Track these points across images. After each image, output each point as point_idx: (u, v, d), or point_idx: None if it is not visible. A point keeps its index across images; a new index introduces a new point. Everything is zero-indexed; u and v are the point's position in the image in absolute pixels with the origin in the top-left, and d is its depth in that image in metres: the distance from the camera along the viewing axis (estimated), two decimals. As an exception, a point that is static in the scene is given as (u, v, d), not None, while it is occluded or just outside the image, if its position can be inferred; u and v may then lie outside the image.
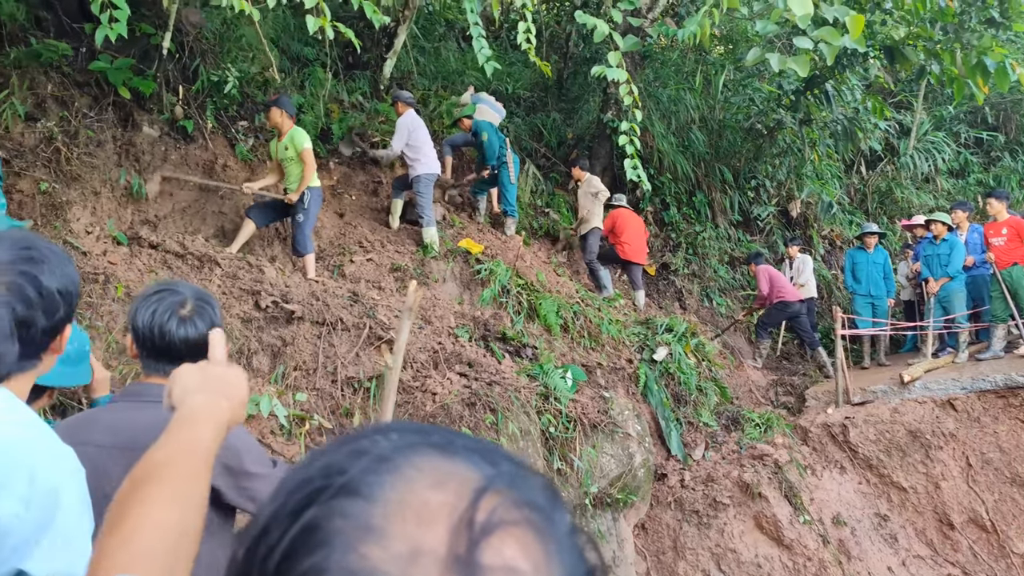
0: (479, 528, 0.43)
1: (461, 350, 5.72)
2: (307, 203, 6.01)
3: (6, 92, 5.43)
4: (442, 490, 0.45)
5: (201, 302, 1.84)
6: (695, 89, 10.32)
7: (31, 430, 1.21)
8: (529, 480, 0.48)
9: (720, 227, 10.54)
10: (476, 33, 5.49)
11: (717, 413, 7.48)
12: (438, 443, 0.49)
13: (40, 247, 1.28)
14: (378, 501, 0.44)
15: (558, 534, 0.46)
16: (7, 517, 1.06)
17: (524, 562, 0.43)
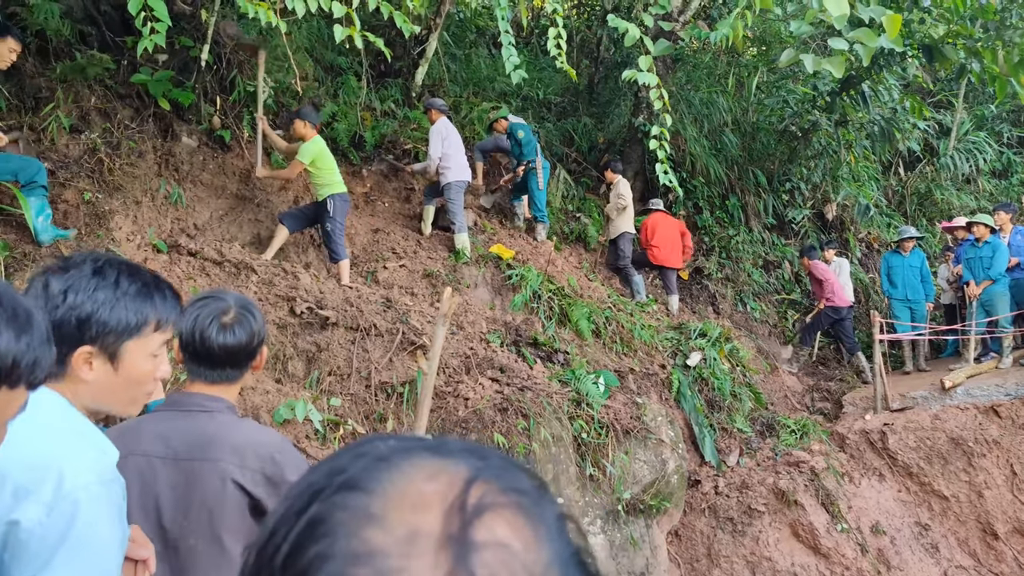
0: (471, 510, 0.46)
1: (493, 355, 5.74)
2: (332, 211, 6.09)
3: (52, 105, 5.60)
4: (436, 481, 0.48)
5: (244, 311, 1.87)
6: (728, 92, 10.23)
7: (72, 436, 1.23)
8: (517, 471, 0.51)
9: (754, 231, 10.42)
10: (506, 41, 5.52)
11: (751, 419, 7.39)
12: (432, 445, 0.52)
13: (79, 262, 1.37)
14: (376, 493, 0.47)
15: (547, 517, 0.48)
16: (29, 523, 1.08)
17: (515, 540, 0.45)
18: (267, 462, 1.78)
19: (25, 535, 1.08)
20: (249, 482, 1.75)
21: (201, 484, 1.74)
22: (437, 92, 9.16)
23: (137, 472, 1.76)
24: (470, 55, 10.55)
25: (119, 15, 6.31)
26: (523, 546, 0.45)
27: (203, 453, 1.75)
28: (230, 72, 6.78)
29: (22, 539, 1.07)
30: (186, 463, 1.75)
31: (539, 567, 0.45)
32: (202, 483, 1.74)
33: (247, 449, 1.78)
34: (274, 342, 5.08)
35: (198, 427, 1.79)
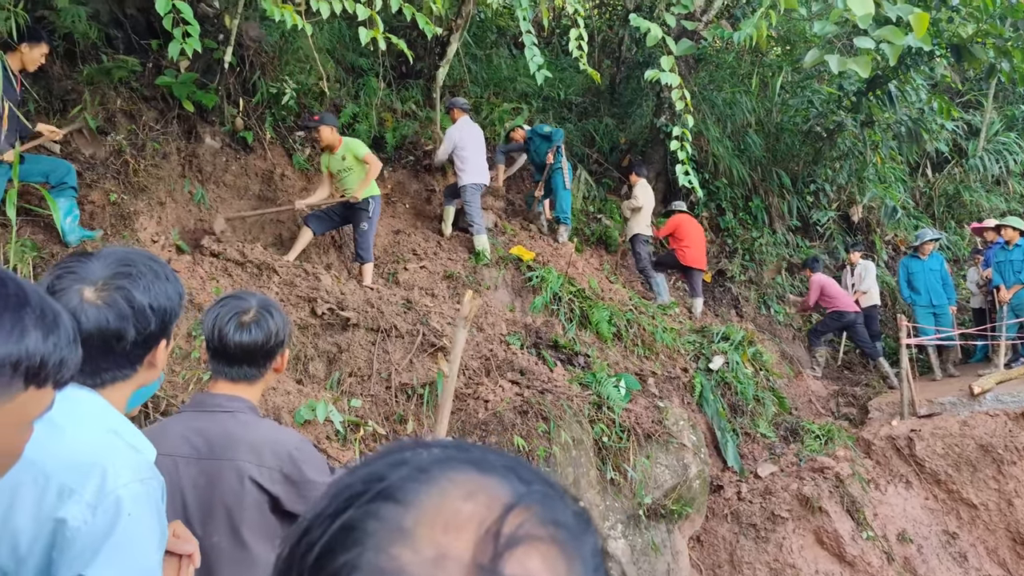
0: (505, 540, 0.44)
1: (513, 357, 5.72)
2: (371, 211, 6.14)
3: (79, 108, 5.67)
4: (473, 501, 0.46)
5: (264, 311, 1.88)
6: (751, 92, 10.12)
7: (111, 437, 1.26)
8: (560, 500, 0.49)
9: (778, 233, 10.31)
10: (528, 41, 5.49)
11: (775, 424, 7.30)
12: (475, 459, 0.50)
13: (139, 264, 1.34)
14: (412, 507, 0.46)
15: (584, 554, 0.46)
16: (75, 522, 1.12)
17: (547, 573, 0.44)
18: (285, 460, 1.80)
19: (71, 533, 1.11)
20: (267, 480, 1.78)
21: (221, 483, 1.77)
22: (458, 93, 9.16)
23: (163, 472, 1.78)
24: (491, 56, 10.54)
25: (144, 18, 6.37)
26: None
27: (223, 452, 1.78)
28: (253, 74, 6.82)
29: (68, 537, 1.11)
30: (207, 462, 1.78)
31: None
32: (222, 482, 1.77)
33: (265, 448, 1.80)
34: (295, 343, 5.10)
35: (219, 427, 1.83)
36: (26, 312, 0.81)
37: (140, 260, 1.35)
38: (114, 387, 1.33)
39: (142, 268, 1.34)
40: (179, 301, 1.39)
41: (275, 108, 6.96)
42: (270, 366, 1.91)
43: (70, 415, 1.22)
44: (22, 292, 0.82)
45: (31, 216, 5.01)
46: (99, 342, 1.27)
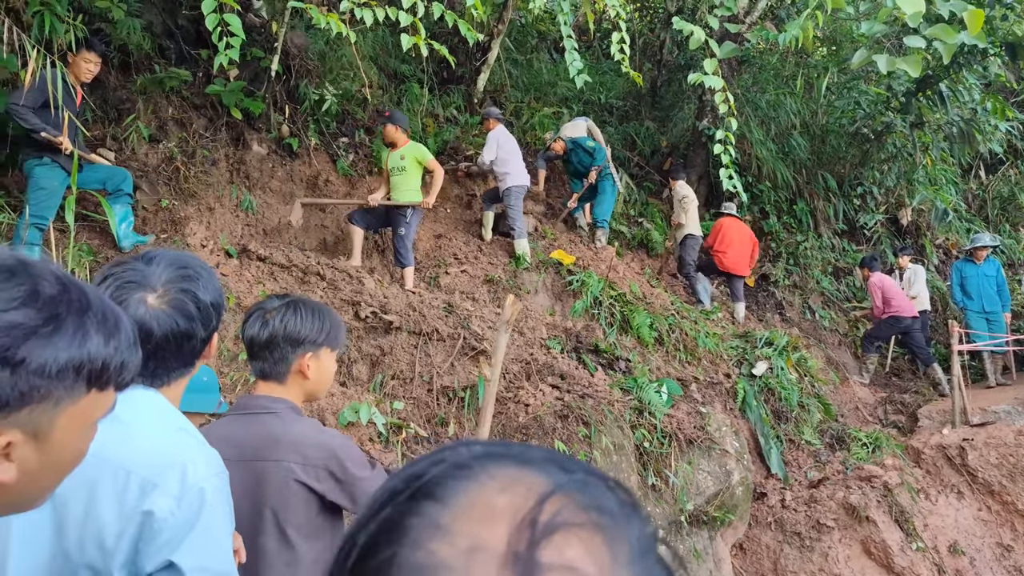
0: (541, 527, 0.43)
1: (553, 362, 5.72)
2: (409, 217, 6.21)
3: (133, 116, 5.85)
4: (510, 493, 0.45)
5: (283, 309, 1.90)
6: (796, 93, 9.96)
7: (183, 434, 1.33)
8: (601, 486, 0.48)
9: (823, 236, 10.11)
10: (569, 46, 5.50)
11: (820, 431, 7.15)
12: (515, 453, 0.50)
13: (194, 265, 1.41)
14: (449, 502, 0.45)
15: (631, 540, 0.45)
16: (162, 513, 1.18)
17: (588, 564, 0.42)
18: (329, 458, 1.82)
19: (159, 524, 1.18)
20: (312, 478, 1.80)
21: (267, 484, 1.79)
22: (499, 98, 9.21)
23: None
24: (531, 60, 10.57)
25: (194, 28, 6.56)
26: (597, 570, 0.42)
27: (267, 453, 1.80)
28: (298, 82, 6.96)
29: (155, 528, 1.17)
30: (252, 464, 1.80)
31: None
32: (268, 483, 1.79)
33: (308, 446, 1.82)
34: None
35: (261, 428, 1.85)
36: (88, 317, 0.84)
37: (191, 261, 1.42)
38: (176, 384, 1.40)
39: (197, 268, 1.40)
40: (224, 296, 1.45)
41: (319, 115, 7.09)
42: (288, 366, 1.90)
43: (139, 415, 1.28)
44: (84, 297, 0.85)
45: (87, 222, 5.19)
46: (172, 345, 1.34)
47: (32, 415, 0.80)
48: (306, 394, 1.95)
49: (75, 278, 0.87)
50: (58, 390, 0.81)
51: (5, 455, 0.80)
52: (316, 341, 1.90)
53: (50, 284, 0.81)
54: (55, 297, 0.81)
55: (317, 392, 1.97)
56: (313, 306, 1.94)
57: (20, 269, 0.80)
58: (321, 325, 1.92)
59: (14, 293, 0.77)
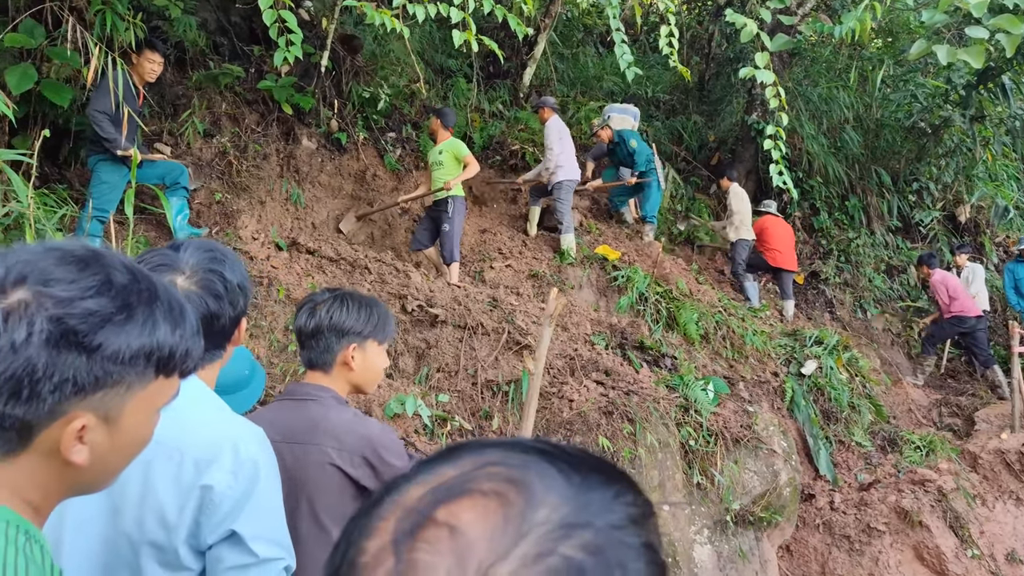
0: (445, 491, 0.45)
1: (598, 358, 5.69)
2: (451, 212, 6.23)
3: (188, 112, 6.00)
4: (454, 466, 0.47)
5: (332, 302, 1.95)
6: (849, 86, 9.71)
7: (227, 412, 1.39)
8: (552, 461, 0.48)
9: (876, 233, 9.85)
10: (618, 39, 5.45)
11: (871, 433, 6.98)
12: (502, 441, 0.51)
13: (220, 248, 1.48)
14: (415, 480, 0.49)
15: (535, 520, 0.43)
16: (221, 486, 1.25)
17: (474, 528, 0.43)
18: (365, 445, 1.85)
19: (218, 497, 1.25)
20: (348, 464, 1.83)
21: (304, 467, 1.83)
22: (545, 92, 9.18)
23: None
24: (577, 54, 10.52)
25: (247, 25, 6.69)
26: (479, 535, 0.42)
27: (306, 437, 1.85)
28: (347, 77, 7.05)
29: (215, 500, 1.25)
30: (291, 446, 1.85)
31: (489, 562, 0.41)
32: (306, 466, 1.83)
33: (345, 433, 1.86)
34: (385, 338, 5.22)
35: (304, 414, 1.91)
36: (156, 306, 0.87)
37: (217, 245, 1.47)
38: (209, 367, 1.45)
39: (223, 251, 1.46)
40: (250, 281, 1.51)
41: (368, 110, 7.16)
42: (333, 356, 1.92)
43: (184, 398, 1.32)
44: (152, 287, 0.88)
45: (145, 215, 5.34)
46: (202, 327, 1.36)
47: (105, 399, 0.83)
48: (352, 385, 1.98)
49: (143, 269, 0.90)
50: (129, 376, 0.84)
51: (79, 438, 0.83)
52: (361, 333, 1.94)
53: (121, 274, 0.84)
54: (127, 286, 0.84)
55: (364, 384, 2.00)
56: (361, 299, 1.98)
57: (93, 260, 0.83)
58: (367, 317, 1.95)
59: (89, 282, 0.80)
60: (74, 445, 0.83)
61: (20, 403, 0.78)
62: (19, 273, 0.79)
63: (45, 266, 0.80)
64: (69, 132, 5.12)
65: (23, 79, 4.38)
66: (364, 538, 0.45)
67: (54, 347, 0.78)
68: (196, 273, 1.38)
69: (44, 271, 0.79)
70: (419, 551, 0.42)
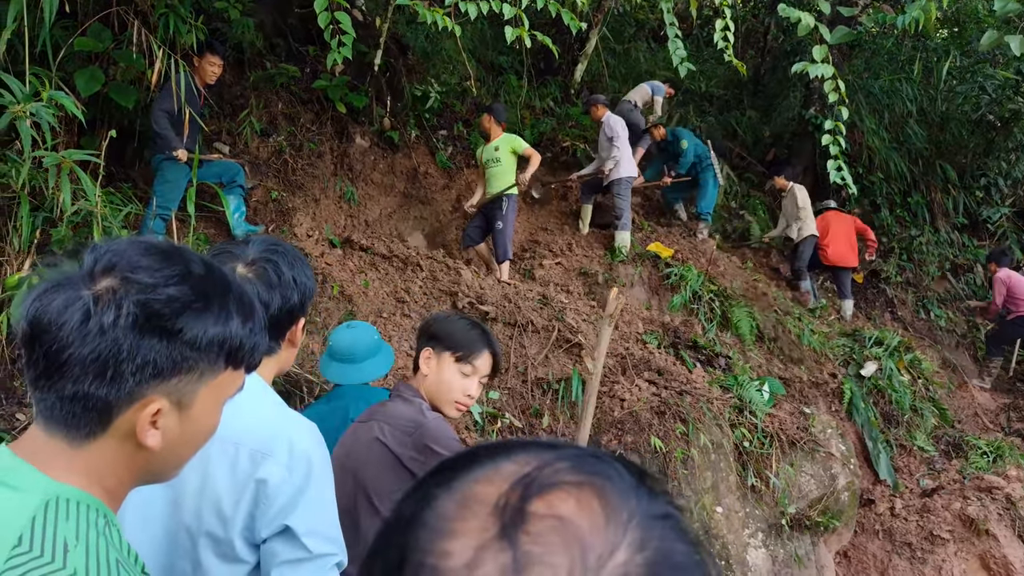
0: (536, 485, 0.45)
1: (650, 357, 5.62)
2: (505, 210, 6.22)
3: (246, 112, 6.13)
4: (516, 463, 0.47)
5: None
6: (913, 79, 9.39)
7: (282, 408, 1.43)
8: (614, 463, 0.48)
9: (941, 231, 9.51)
10: (672, 33, 5.36)
11: (935, 437, 6.75)
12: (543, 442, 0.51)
13: (283, 244, 1.54)
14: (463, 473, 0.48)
15: (631, 504, 0.45)
16: (275, 480, 1.29)
17: (580, 518, 0.43)
18: (415, 428, 1.89)
19: (273, 490, 1.28)
20: (392, 442, 1.87)
21: (355, 446, 1.91)
22: (596, 88, 9.12)
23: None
24: (629, 49, 10.41)
25: (303, 26, 6.80)
26: (588, 524, 0.43)
27: (365, 416, 1.95)
28: (400, 76, 7.11)
29: (270, 494, 1.28)
30: (355, 426, 1.95)
31: (607, 551, 0.42)
32: (356, 445, 1.91)
33: (399, 416, 1.92)
34: (437, 335, 5.25)
35: (383, 405, 2.03)
36: (230, 298, 0.90)
37: (282, 242, 1.55)
38: (265, 362, 1.46)
39: (287, 248, 1.53)
40: (314, 283, 1.56)
41: (420, 108, 7.21)
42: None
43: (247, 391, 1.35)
44: (226, 280, 0.92)
45: (204, 212, 5.48)
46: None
47: (179, 385, 0.87)
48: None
49: (216, 263, 0.93)
50: (203, 363, 0.88)
51: (153, 422, 0.86)
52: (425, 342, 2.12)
53: (198, 266, 0.89)
54: (204, 277, 0.88)
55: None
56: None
57: (174, 252, 0.88)
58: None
59: (171, 272, 0.85)
60: (148, 429, 0.86)
61: (104, 384, 0.82)
62: (108, 262, 0.84)
63: (132, 256, 0.85)
64: (134, 133, 5.28)
65: (91, 82, 4.53)
66: (438, 540, 0.44)
67: (139, 330, 0.82)
68: (255, 263, 1.44)
69: (131, 260, 0.84)
70: (529, 544, 0.42)
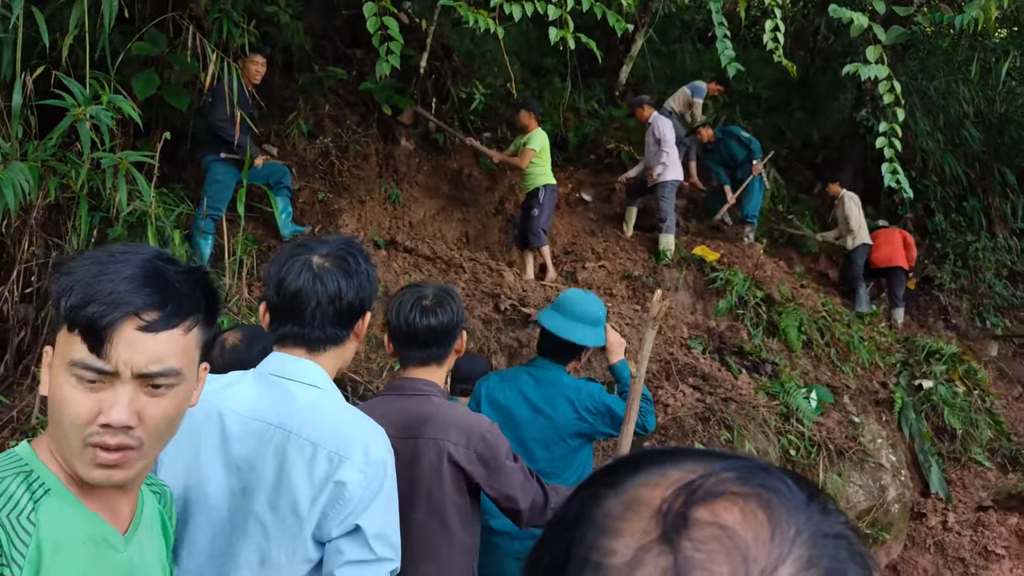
0: (701, 491, 0.44)
1: (694, 362, 5.55)
2: (542, 199, 6.21)
3: (294, 114, 6.23)
4: (682, 469, 0.47)
5: (443, 294, 1.99)
6: (970, 79, 9.10)
7: (353, 410, 1.48)
8: (783, 475, 0.47)
9: (998, 236, 9.20)
10: (720, 34, 5.28)
11: (991, 450, 6.52)
12: (707, 452, 0.51)
13: (356, 242, 1.63)
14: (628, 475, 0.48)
15: (800, 520, 0.43)
16: (353, 484, 1.34)
17: (745, 529, 0.42)
18: (479, 442, 1.87)
19: (349, 493, 1.34)
20: (463, 459, 1.85)
21: (421, 460, 1.85)
22: (641, 90, 9.03)
23: None
24: (675, 51, 10.30)
25: (349, 28, 6.88)
26: (753, 537, 0.41)
27: (421, 431, 1.88)
28: (444, 78, 7.14)
29: (346, 496, 1.34)
30: (406, 440, 1.86)
31: (772, 565, 0.40)
32: (422, 459, 1.85)
33: (461, 428, 1.88)
34: (479, 336, 5.27)
35: (416, 408, 1.93)
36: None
37: (355, 241, 1.63)
38: (328, 353, 1.51)
39: (359, 244, 1.61)
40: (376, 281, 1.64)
41: (464, 110, 7.24)
42: (449, 350, 1.99)
43: (322, 391, 1.45)
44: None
45: (252, 213, 5.58)
46: (325, 301, 1.46)
47: None
48: (450, 373, 2.05)
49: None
50: None
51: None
52: (464, 322, 2.03)
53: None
54: None
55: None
56: (451, 291, 2.05)
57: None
58: (460, 307, 2.03)
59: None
60: None
61: None
62: None
63: None
64: (186, 134, 5.40)
65: (147, 85, 4.65)
66: (603, 537, 0.44)
67: None
68: (331, 253, 1.48)
69: None
70: (691, 550, 0.41)
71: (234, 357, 2.04)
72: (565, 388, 2.66)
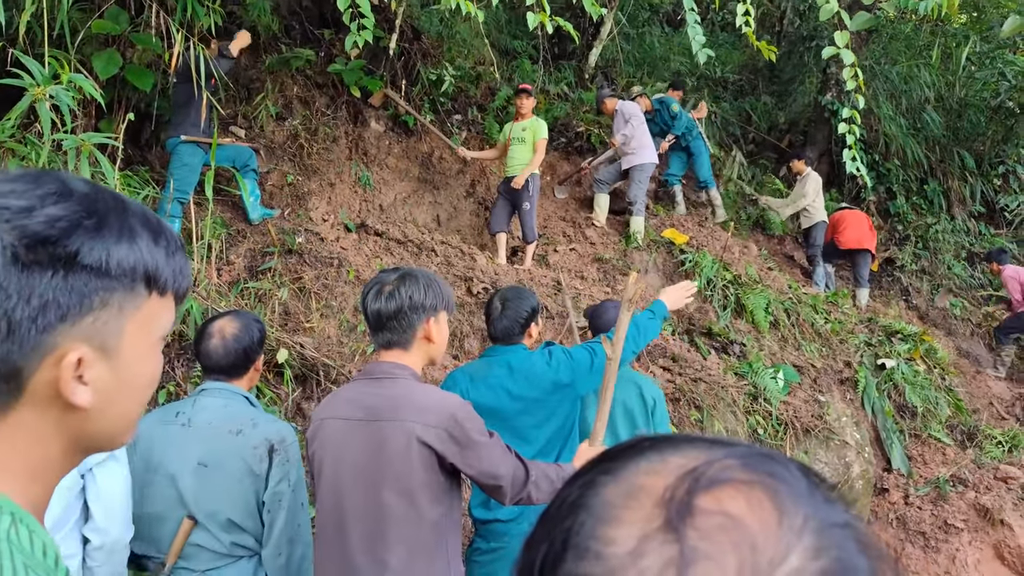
0: (705, 479, 0.43)
1: (665, 344, 5.61)
2: (532, 191, 6.24)
3: (262, 96, 6.12)
4: (684, 457, 0.46)
5: (401, 280, 2.00)
6: (931, 64, 9.28)
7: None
8: (787, 463, 0.47)
9: (957, 219, 9.43)
10: (691, 19, 5.29)
11: (949, 426, 6.72)
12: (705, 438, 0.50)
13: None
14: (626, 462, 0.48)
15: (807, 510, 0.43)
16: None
17: (750, 518, 0.41)
18: (449, 421, 1.87)
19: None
20: (433, 439, 1.85)
21: (390, 444, 1.86)
22: (610, 73, 9.05)
23: (334, 434, 1.98)
24: (644, 34, 10.32)
25: (317, 9, 6.76)
26: (759, 526, 0.41)
27: (391, 414, 1.88)
28: (413, 60, 7.07)
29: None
30: (376, 424, 1.89)
31: (780, 555, 0.40)
32: (391, 443, 1.86)
33: (430, 409, 1.88)
34: (452, 320, 5.27)
35: (385, 391, 1.94)
36: (129, 215, 0.75)
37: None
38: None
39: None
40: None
41: (434, 92, 7.18)
42: (413, 334, 1.99)
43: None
44: (118, 197, 0.77)
45: (221, 196, 5.48)
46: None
47: (96, 325, 0.71)
48: (428, 358, 2.06)
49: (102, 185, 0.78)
50: (117, 292, 0.73)
51: (78, 376, 0.71)
52: (435, 306, 2.02)
53: (80, 184, 0.73)
54: (88, 194, 0.73)
55: (437, 355, 2.08)
56: (426, 274, 2.06)
57: (45, 174, 0.72)
58: (436, 291, 2.02)
59: (46, 190, 0.70)
60: (73, 384, 0.70)
61: (1, 342, 0.66)
62: None
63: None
64: (150, 115, 5.28)
65: (109, 64, 4.53)
66: (604, 526, 0.43)
67: (23, 265, 0.66)
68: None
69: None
70: (696, 540, 0.40)
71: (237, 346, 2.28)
72: (534, 358, 2.61)
